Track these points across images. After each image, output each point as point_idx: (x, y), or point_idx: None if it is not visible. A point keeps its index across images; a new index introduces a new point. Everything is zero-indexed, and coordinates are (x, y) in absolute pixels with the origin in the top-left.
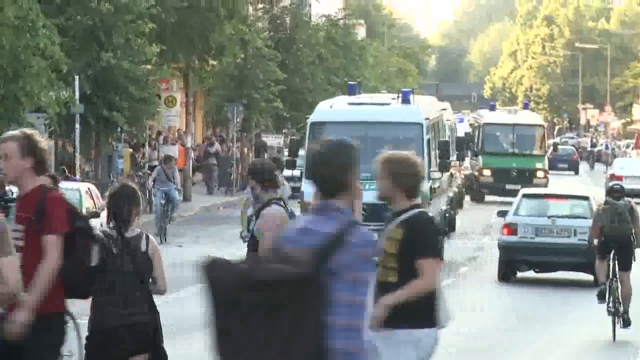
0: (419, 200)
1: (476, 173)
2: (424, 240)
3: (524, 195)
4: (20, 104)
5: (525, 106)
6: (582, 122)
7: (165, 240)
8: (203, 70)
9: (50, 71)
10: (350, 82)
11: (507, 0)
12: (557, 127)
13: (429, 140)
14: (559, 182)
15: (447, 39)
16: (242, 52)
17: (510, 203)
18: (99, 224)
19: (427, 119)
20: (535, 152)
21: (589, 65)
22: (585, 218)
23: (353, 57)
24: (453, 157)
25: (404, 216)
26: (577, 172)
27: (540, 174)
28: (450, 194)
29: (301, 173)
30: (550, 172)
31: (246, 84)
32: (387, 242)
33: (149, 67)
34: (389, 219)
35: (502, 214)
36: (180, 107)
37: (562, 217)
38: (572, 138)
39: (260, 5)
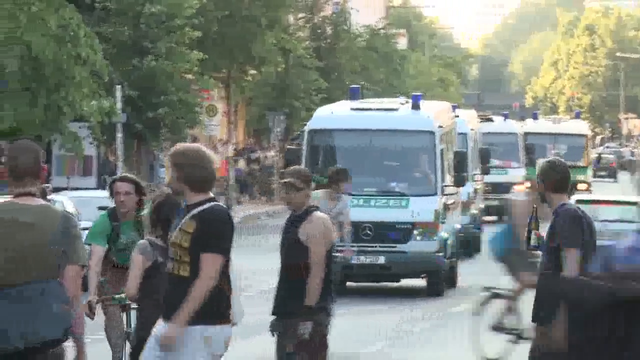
0: (210, 195)
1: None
2: (209, 235)
3: (577, 201)
4: (62, 113)
5: (577, 115)
6: (624, 131)
7: None
8: (244, 79)
9: (92, 80)
10: (352, 86)
11: (549, 11)
12: (599, 137)
13: (442, 151)
14: (601, 189)
15: (488, 49)
16: (283, 61)
17: None
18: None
19: (440, 127)
20: (579, 163)
21: (631, 75)
22: (635, 222)
23: (394, 67)
24: (476, 170)
25: (196, 209)
26: (616, 180)
27: (582, 186)
28: (475, 211)
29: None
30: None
31: (287, 93)
32: (180, 235)
33: (190, 76)
34: (183, 212)
35: None
36: (222, 116)
37: (613, 221)
38: (614, 147)
39: (301, 15)
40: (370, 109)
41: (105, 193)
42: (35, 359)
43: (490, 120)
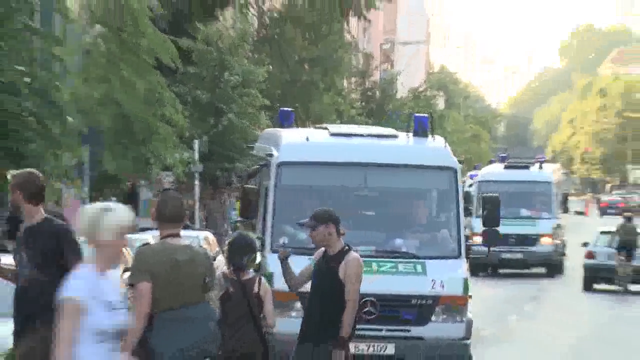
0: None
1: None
2: None
3: (601, 232)
4: (149, 163)
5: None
6: (631, 180)
7: None
8: None
9: (174, 136)
10: (282, 108)
11: (567, 76)
12: (609, 185)
13: (463, 195)
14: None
15: (514, 108)
16: (337, 120)
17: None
18: (217, 267)
19: (461, 162)
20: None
21: (637, 131)
22: None
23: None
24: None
25: None
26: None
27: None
28: None
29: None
30: (604, 216)
31: None
32: None
33: (259, 132)
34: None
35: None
36: None
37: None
38: (622, 194)
39: (353, 79)
40: (360, 135)
41: (185, 233)
42: None
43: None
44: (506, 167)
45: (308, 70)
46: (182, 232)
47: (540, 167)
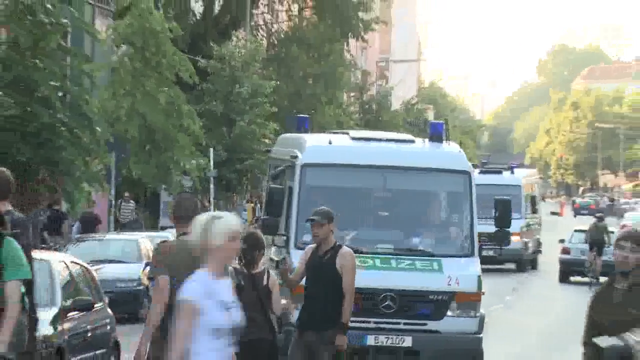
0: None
1: None
2: None
3: (575, 230)
4: (169, 169)
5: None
6: (601, 184)
7: None
8: None
9: (191, 144)
10: (299, 115)
11: (543, 91)
12: (581, 189)
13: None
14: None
15: (497, 120)
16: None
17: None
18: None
19: (475, 165)
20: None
21: (606, 140)
22: None
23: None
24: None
25: None
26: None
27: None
28: None
29: None
30: (577, 216)
31: None
32: None
33: (268, 140)
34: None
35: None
36: None
37: None
38: (593, 196)
39: (352, 94)
40: (379, 140)
41: None
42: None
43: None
44: (480, 172)
45: (312, 85)
46: None
47: (512, 172)
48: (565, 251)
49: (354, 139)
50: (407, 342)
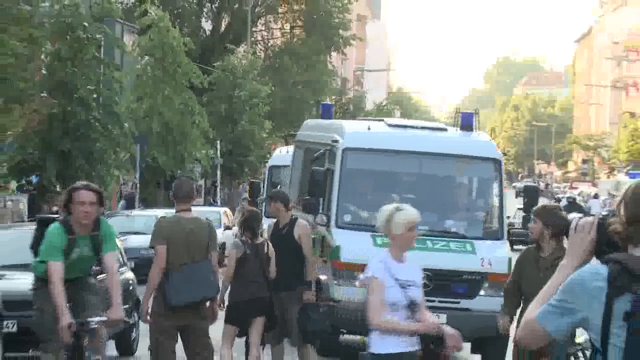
0: None
1: None
2: None
3: (518, 209)
4: (184, 158)
5: None
6: (536, 172)
7: None
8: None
9: (202, 138)
10: (323, 103)
11: (490, 95)
12: (520, 175)
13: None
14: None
15: (451, 119)
16: None
17: None
18: (234, 234)
19: (505, 154)
20: None
21: (541, 136)
22: None
23: None
24: None
25: None
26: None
27: None
28: None
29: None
30: (518, 197)
31: None
32: None
33: (264, 135)
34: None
35: None
36: None
37: None
38: (529, 182)
39: (334, 97)
40: (414, 127)
41: (210, 209)
42: (199, 308)
43: None
44: None
45: (301, 90)
46: (208, 208)
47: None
48: (510, 226)
49: (390, 125)
50: (442, 318)
